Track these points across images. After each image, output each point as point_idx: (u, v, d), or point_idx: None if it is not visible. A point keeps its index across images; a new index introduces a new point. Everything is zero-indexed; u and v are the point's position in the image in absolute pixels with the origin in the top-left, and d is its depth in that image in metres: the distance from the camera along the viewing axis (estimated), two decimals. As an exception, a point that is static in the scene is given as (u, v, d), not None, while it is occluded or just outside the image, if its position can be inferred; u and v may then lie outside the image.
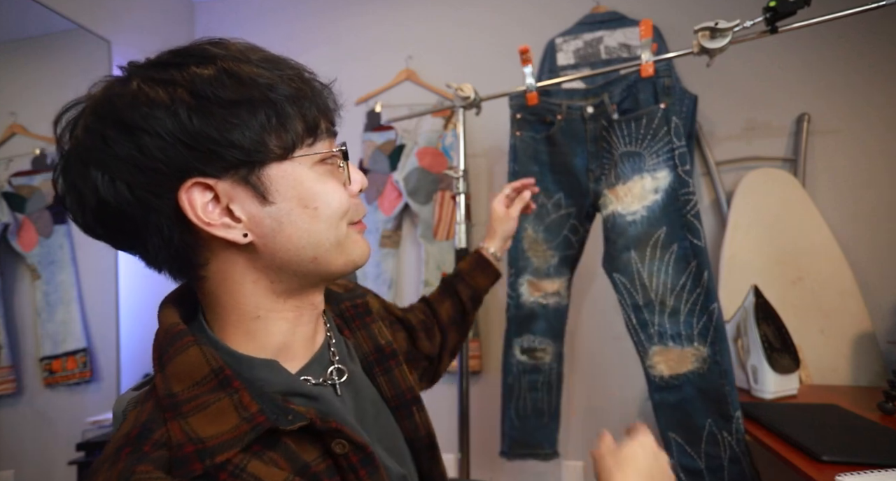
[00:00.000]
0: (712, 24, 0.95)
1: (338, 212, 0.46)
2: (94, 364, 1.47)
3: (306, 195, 0.45)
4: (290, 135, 0.43)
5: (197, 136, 0.40)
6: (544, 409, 1.31)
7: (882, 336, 1.37)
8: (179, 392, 0.41)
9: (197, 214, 0.41)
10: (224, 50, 0.43)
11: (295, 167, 0.44)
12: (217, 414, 0.40)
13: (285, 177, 0.44)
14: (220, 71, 0.41)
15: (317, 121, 0.45)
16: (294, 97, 0.43)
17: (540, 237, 1.26)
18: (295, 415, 0.41)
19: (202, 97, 0.40)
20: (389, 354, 0.57)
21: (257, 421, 0.40)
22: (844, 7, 0.90)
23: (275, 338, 0.47)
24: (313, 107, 0.45)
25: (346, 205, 0.47)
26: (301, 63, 0.47)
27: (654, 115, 1.07)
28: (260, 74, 0.42)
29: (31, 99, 1.40)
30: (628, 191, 1.09)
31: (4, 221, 1.37)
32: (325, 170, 0.47)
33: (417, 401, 0.57)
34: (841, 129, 1.48)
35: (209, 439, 0.38)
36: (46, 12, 1.38)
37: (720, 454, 1.00)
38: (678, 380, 1.04)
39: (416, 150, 1.73)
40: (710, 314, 1.02)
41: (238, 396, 0.41)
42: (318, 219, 0.45)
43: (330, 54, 1.87)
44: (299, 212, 0.45)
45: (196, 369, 0.41)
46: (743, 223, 1.47)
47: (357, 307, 0.59)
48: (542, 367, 1.30)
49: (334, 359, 0.52)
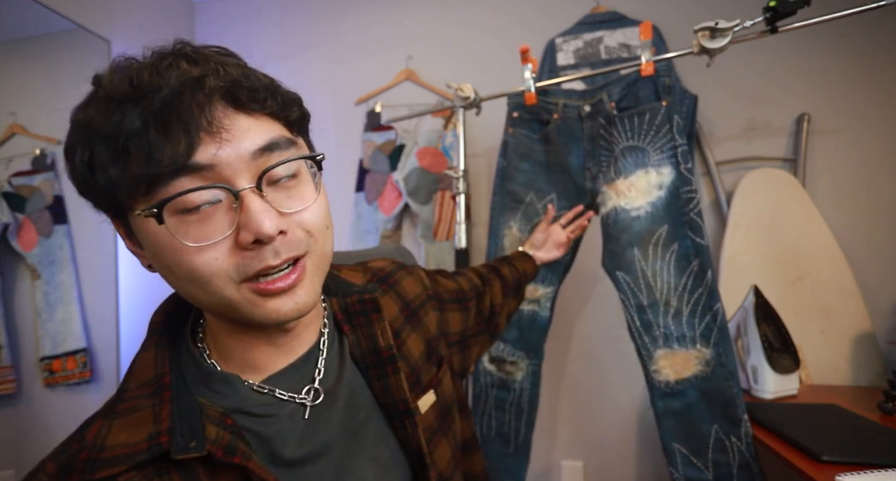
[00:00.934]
0: (712, 24, 0.95)
1: (195, 275, 0.38)
2: (94, 364, 1.47)
3: (157, 251, 0.39)
4: (119, 185, 0.37)
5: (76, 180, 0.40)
6: (510, 436, 1.20)
7: (882, 336, 1.37)
8: (130, 389, 0.42)
9: (123, 240, 0.43)
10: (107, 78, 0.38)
11: (142, 220, 0.38)
12: (137, 423, 0.39)
13: (139, 229, 0.40)
14: (89, 109, 0.38)
15: (151, 164, 0.36)
16: (131, 134, 0.36)
17: (525, 237, 1.21)
18: (198, 443, 0.38)
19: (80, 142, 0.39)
20: (387, 359, 0.52)
21: (159, 440, 0.38)
22: (844, 7, 0.90)
23: (233, 353, 0.46)
24: (148, 144, 0.36)
25: (210, 267, 0.38)
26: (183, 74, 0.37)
27: (657, 112, 1.06)
28: (105, 110, 0.37)
29: (31, 99, 1.40)
30: (631, 186, 1.07)
31: (4, 221, 1.36)
32: (195, 219, 0.38)
33: (410, 415, 0.51)
34: (841, 129, 1.48)
35: (110, 448, 0.37)
36: (46, 12, 1.38)
37: (729, 461, 0.97)
38: (682, 385, 1.00)
39: (416, 150, 1.73)
40: (713, 314, 0.99)
41: (160, 407, 0.39)
42: (178, 278, 0.40)
43: (330, 54, 1.87)
44: (159, 266, 0.41)
45: (146, 370, 0.42)
46: (743, 223, 1.47)
47: (364, 303, 0.54)
48: (512, 385, 1.20)
49: (318, 376, 0.48)
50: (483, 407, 1.24)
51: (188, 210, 0.37)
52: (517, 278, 0.94)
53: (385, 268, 0.64)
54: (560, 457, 1.65)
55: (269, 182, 0.40)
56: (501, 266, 0.94)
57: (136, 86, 0.36)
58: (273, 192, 0.40)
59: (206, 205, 0.38)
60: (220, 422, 0.41)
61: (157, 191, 0.37)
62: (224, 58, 0.41)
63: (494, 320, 0.84)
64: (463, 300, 0.75)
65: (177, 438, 0.38)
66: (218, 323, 0.46)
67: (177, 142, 0.36)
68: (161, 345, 0.44)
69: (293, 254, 0.41)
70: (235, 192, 0.38)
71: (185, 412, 0.40)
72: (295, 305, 0.42)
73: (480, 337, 0.79)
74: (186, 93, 0.36)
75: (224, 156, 0.37)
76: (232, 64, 0.40)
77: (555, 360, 1.63)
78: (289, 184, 0.41)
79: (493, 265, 0.93)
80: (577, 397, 1.66)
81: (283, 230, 0.40)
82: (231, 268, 0.39)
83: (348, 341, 0.53)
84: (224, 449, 0.39)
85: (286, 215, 0.40)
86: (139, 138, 0.36)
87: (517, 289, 0.95)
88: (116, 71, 0.38)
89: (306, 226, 0.42)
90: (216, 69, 0.38)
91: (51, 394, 1.39)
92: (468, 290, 0.77)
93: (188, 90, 0.36)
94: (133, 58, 0.39)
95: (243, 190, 0.38)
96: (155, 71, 0.37)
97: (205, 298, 0.40)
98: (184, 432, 0.39)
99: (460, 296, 0.74)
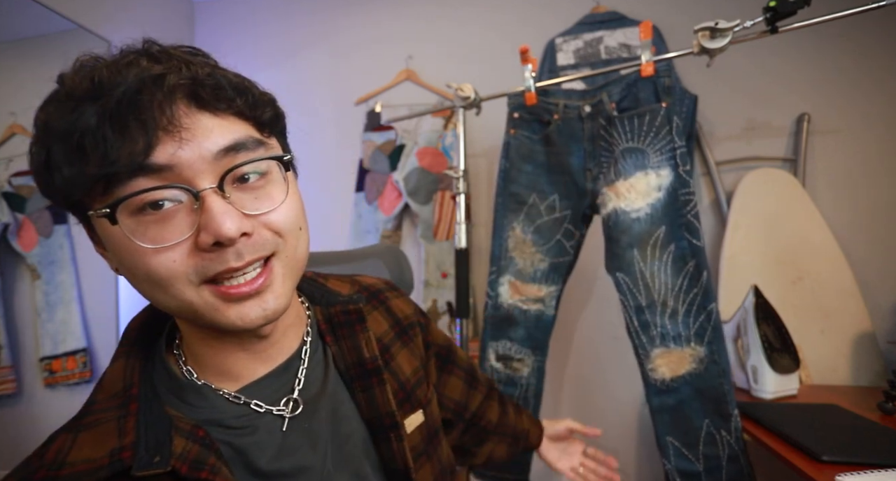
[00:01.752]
0: (712, 24, 0.95)
1: (156, 279, 0.37)
2: (94, 364, 1.47)
3: (115, 252, 0.38)
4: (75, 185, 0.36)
5: (40, 180, 0.39)
6: None
7: (882, 336, 1.37)
8: (98, 400, 0.40)
9: (89, 237, 0.41)
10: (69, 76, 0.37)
11: (100, 220, 0.37)
12: (101, 436, 0.38)
13: (98, 229, 0.39)
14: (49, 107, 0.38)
15: (106, 163, 0.35)
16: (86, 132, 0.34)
17: (528, 238, 1.22)
18: (163, 457, 0.36)
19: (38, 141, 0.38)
20: (372, 371, 0.50)
21: (121, 456, 0.36)
22: (844, 7, 0.90)
23: (208, 360, 0.44)
24: (103, 142, 0.34)
25: (167, 270, 0.37)
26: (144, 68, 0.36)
27: (657, 113, 1.06)
28: (63, 108, 0.36)
29: (31, 99, 1.40)
30: (630, 187, 1.08)
31: (4, 221, 1.37)
32: (152, 220, 0.36)
33: (396, 429, 0.49)
34: (841, 129, 1.48)
35: (70, 465, 0.36)
36: (46, 12, 1.38)
37: (718, 454, 1.00)
38: (677, 382, 1.04)
39: (416, 150, 1.73)
40: (708, 314, 1.01)
41: (125, 421, 0.38)
42: (138, 280, 0.38)
43: (330, 54, 1.87)
44: (120, 268, 0.40)
45: (115, 382, 0.41)
46: (743, 223, 1.47)
47: (349, 313, 0.52)
48: (518, 381, 1.23)
49: (297, 386, 0.47)
50: None
51: (146, 211, 0.36)
52: (517, 428, 0.81)
53: (376, 285, 0.62)
54: None
55: (235, 183, 0.39)
56: (518, 410, 0.83)
57: (96, 83, 0.35)
58: (238, 193, 0.39)
59: (166, 206, 0.36)
60: (190, 435, 0.39)
61: (113, 190, 0.35)
62: (191, 57, 0.39)
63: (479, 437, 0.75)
64: (473, 375, 0.71)
65: (140, 453, 0.36)
66: (190, 329, 0.44)
67: (134, 142, 0.34)
68: (132, 354, 0.42)
69: (258, 255, 0.39)
70: (195, 193, 0.36)
71: (151, 424, 0.39)
72: (263, 312, 0.39)
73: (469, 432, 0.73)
74: (146, 90, 0.35)
75: (184, 155, 0.36)
76: (198, 63, 0.39)
77: (556, 360, 1.63)
78: (257, 185, 0.40)
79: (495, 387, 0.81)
80: (578, 396, 1.67)
81: (247, 232, 0.38)
82: (190, 270, 0.37)
83: (332, 352, 0.51)
84: (190, 464, 0.37)
85: (252, 217, 0.39)
86: (94, 136, 0.34)
87: (514, 438, 0.80)
88: (80, 69, 0.37)
89: (275, 227, 0.40)
90: (178, 67, 0.37)
91: (51, 394, 1.40)
92: (479, 373, 0.73)
93: (147, 88, 0.35)
94: (99, 56, 0.38)
95: (204, 190, 0.36)
96: (115, 68, 0.36)
97: (168, 302, 0.38)
98: (149, 446, 0.37)
99: (443, 352, 0.67)
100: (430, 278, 1.71)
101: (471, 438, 0.74)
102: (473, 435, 0.74)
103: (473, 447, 0.76)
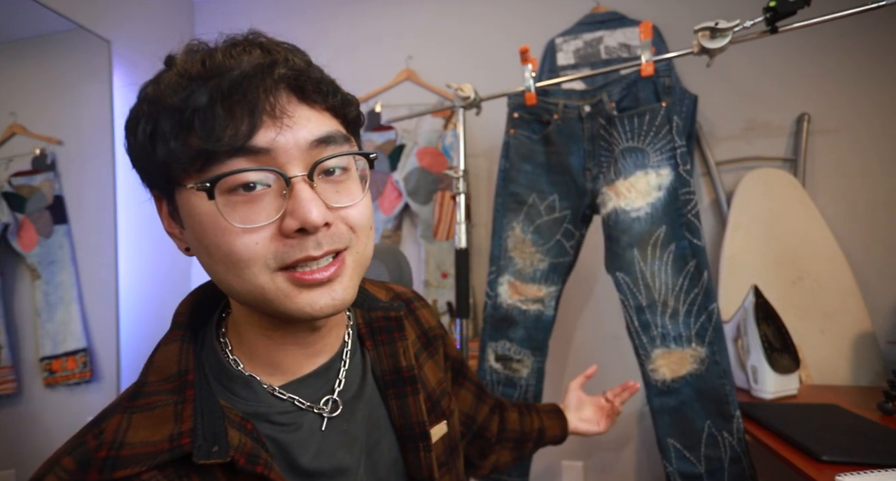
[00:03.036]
0: (712, 24, 0.95)
1: (232, 259, 0.38)
2: (94, 364, 1.47)
3: (199, 230, 0.39)
4: (177, 158, 0.38)
5: (138, 152, 0.40)
6: None
7: (882, 336, 1.37)
8: (150, 382, 0.40)
9: (162, 220, 0.43)
10: (181, 58, 0.40)
11: (190, 196, 0.39)
12: (157, 420, 0.38)
13: (184, 206, 0.40)
14: (160, 84, 0.39)
15: (211, 140, 0.36)
16: (197, 109, 0.37)
17: (528, 238, 1.22)
18: (221, 447, 0.37)
19: (145, 114, 0.39)
20: (408, 379, 0.51)
21: (180, 442, 0.37)
22: (844, 7, 0.90)
23: (258, 351, 0.45)
24: (212, 120, 0.36)
25: (249, 251, 0.38)
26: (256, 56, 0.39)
27: (657, 113, 1.06)
28: (176, 86, 0.38)
29: (31, 99, 1.40)
30: (630, 187, 1.08)
31: (4, 221, 1.36)
32: (242, 200, 0.38)
33: (426, 439, 0.50)
34: (841, 129, 1.48)
35: (130, 446, 0.36)
36: (46, 12, 1.38)
37: (720, 456, 0.99)
38: (678, 383, 1.03)
39: (416, 150, 1.73)
40: (708, 314, 1.01)
41: (182, 406, 0.38)
42: (214, 260, 0.39)
43: (330, 54, 1.86)
44: (197, 247, 0.41)
45: (169, 365, 0.41)
46: (743, 223, 1.47)
47: (389, 320, 0.53)
48: (518, 382, 1.23)
49: (338, 387, 0.48)
50: None
51: (237, 191, 0.38)
52: (524, 427, 0.81)
53: (406, 293, 0.63)
54: (560, 457, 1.65)
55: (321, 174, 0.40)
56: (526, 411, 0.82)
57: (207, 66, 0.37)
58: (323, 184, 0.40)
59: (257, 188, 0.38)
60: (240, 427, 0.40)
61: (211, 167, 0.37)
62: (294, 51, 0.42)
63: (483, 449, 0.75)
64: (482, 388, 0.72)
65: (198, 441, 0.37)
66: (247, 317, 0.44)
67: (240, 122, 0.37)
68: (186, 339, 0.42)
69: (335, 247, 0.40)
70: (287, 178, 0.38)
71: (206, 413, 0.39)
72: (332, 300, 0.40)
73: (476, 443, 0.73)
74: (256, 77, 0.37)
75: (282, 141, 0.38)
76: (300, 58, 0.42)
77: (556, 360, 1.63)
78: (339, 179, 0.42)
79: (502, 402, 0.81)
80: (577, 397, 1.66)
81: (329, 222, 0.39)
82: (269, 255, 0.38)
83: (370, 357, 0.52)
84: (247, 456, 0.38)
85: (333, 209, 0.40)
86: (205, 114, 0.36)
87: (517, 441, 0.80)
88: (191, 52, 0.40)
89: (351, 222, 0.42)
90: (286, 59, 0.39)
91: (51, 394, 1.39)
92: (485, 387, 0.74)
93: (258, 74, 0.37)
94: (206, 42, 0.41)
95: (294, 177, 0.38)
96: (228, 53, 0.38)
97: (240, 286, 0.39)
98: (206, 434, 0.37)
99: (456, 365, 0.68)
100: (430, 278, 1.71)
101: (475, 450, 0.75)
102: (478, 448, 0.75)
103: (478, 460, 0.76)
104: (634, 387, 0.91)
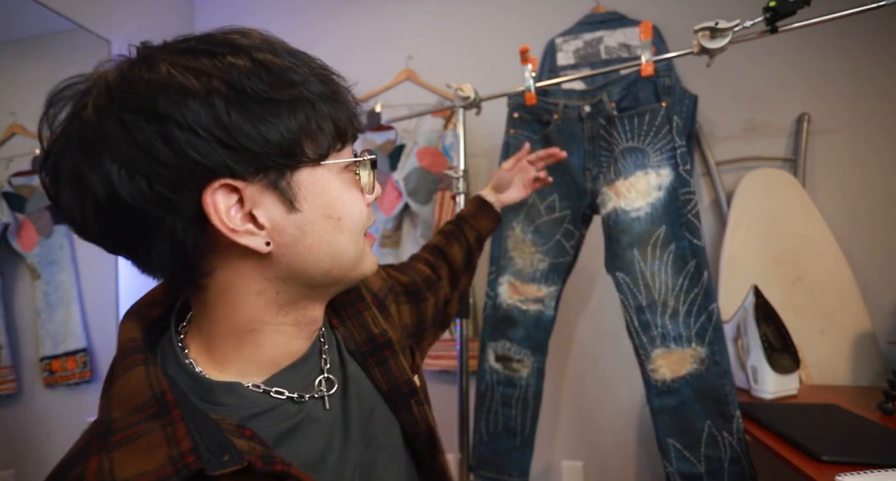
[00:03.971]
0: (712, 24, 0.95)
1: (359, 224, 0.45)
2: (94, 364, 1.47)
3: (331, 204, 0.43)
4: (326, 139, 0.41)
5: (233, 133, 0.36)
6: (516, 430, 1.23)
7: (882, 336, 1.37)
8: (116, 418, 0.36)
9: (221, 219, 0.37)
10: (252, 40, 0.39)
11: (324, 174, 0.42)
12: (145, 450, 0.34)
13: (314, 184, 0.42)
14: (255, 63, 0.37)
15: (347, 125, 0.43)
16: (327, 97, 0.41)
17: (528, 238, 1.22)
18: (232, 455, 0.35)
19: (239, 90, 0.36)
20: (383, 344, 0.53)
21: (186, 461, 0.34)
22: (844, 7, 0.90)
23: (265, 351, 0.44)
24: (345, 108, 0.42)
25: (366, 217, 0.46)
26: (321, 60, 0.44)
27: (657, 113, 1.06)
28: (292, 69, 0.39)
29: (31, 99, 1.40)
30: (630, 187, 1.08)
31: (4, 221, 1.37)
32: (349, 179, 0.45)
33: (415, 394, 0.53)
34: (841, 129, 1.48)
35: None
36: (46, 12, 1.38)
37: (720, 456, 0.99)
38: (678, 383, 1.03)
39: (416, 150, 1.73)
40: (709, 314, 1.01)
41: (172, 428, 0.35)
42: (340, 230, 0.44)
43: (329, 54, 1.85)
44: (322, 222, 0.43)
45: (137, 393, 0.37)
46: (743, 223, 1.47)
47: (349, 293, 0.55)
48: (518, 381, 1.23)
49: (325, 367, 0.49)
50: (489, 405, 1.25)
51: (351, 168, 0.45)
52: (469, 249, 0.89)
53: None
54: (560, 457, 1.65)
55: None
56: (451, 242, 0.88)
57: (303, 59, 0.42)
58: None
59: (355, 168, 0.45)
60: (240, 436, 0.38)
61: (344, 148, 0.44)
62: None
63: (447, 309, 0.83)
64: (417, 292, 0.74)
65: (204, 455, 0.34)
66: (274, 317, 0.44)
67: (358, 113, 0.45)
68: (149, 362, 0.39)
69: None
70: (374, 162, 0.46)
71: (202, 428, 0.37)
72: (377, 261, 0.51)
73: (434, 328, 0.78)
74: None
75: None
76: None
77: (556, 360, 1.63)
78: None
79: (439, 247, 0.87)
80: (578, 397, 1.67)
81: None
82: (366, 220, 0.47)
83: (339, 334, 0.54)
84: (262, 458, 0.37)
85: None
86: (346, 96, 0.43)
87: (468, 264, 0.90)
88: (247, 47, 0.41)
89: None
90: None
91: (51, 394, 1.40)
92: (421, 283, 0.76)
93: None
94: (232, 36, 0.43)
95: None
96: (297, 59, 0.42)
97: (352, 250, 0.45)
98: (211, 448, 0.35)
99: (412, 288, 0.73)
100: (430, 278, 1.71)
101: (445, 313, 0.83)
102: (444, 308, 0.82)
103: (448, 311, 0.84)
104: (561, 155, 1.00)
